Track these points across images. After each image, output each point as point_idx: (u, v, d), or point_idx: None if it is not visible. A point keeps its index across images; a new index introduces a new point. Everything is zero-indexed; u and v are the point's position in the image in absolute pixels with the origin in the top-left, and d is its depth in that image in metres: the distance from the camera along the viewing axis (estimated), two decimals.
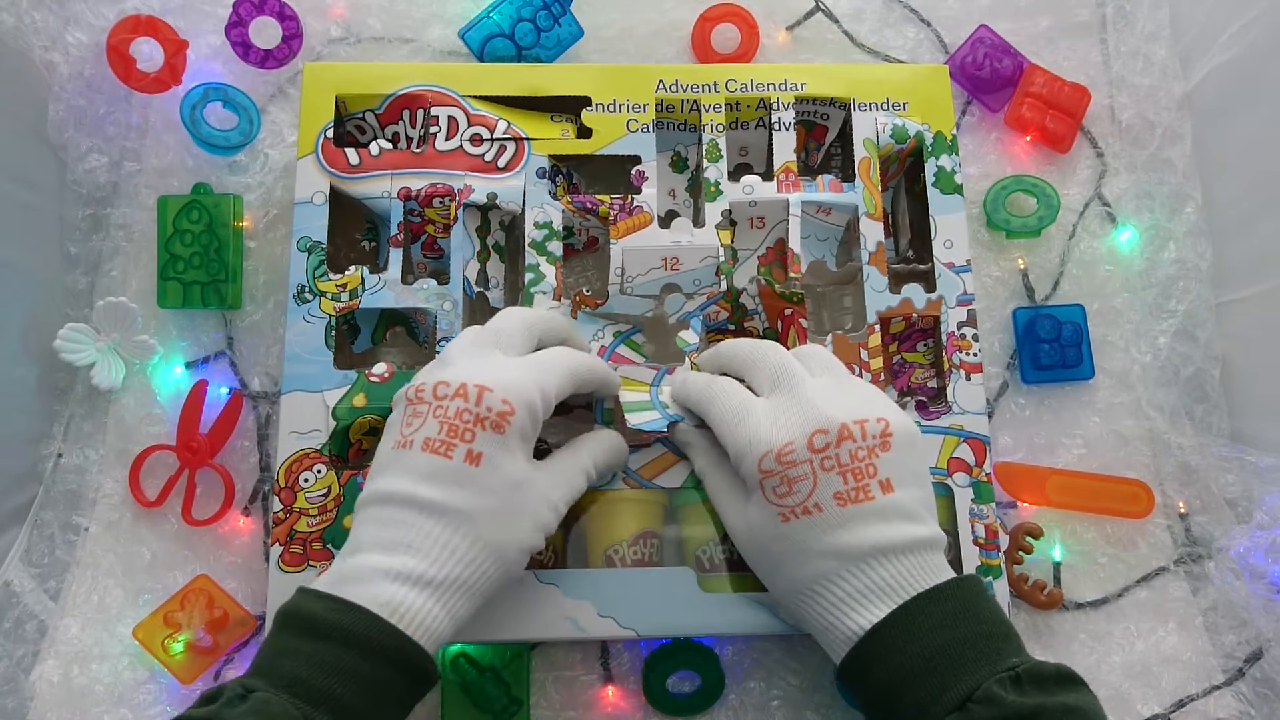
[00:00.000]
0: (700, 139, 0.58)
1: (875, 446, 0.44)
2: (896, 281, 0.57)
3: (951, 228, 0.57)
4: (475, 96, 0.58)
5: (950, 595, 0.42)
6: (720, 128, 0.58)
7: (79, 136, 0.62)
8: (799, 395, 0.46)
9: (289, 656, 0.39)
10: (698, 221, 0.57)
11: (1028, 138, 0.64)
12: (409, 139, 0.59)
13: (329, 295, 0.55)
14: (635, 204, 0.56)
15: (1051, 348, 0.60)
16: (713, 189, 0.57)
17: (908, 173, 0.62)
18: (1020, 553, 0.56)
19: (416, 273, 0.60)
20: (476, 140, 0.57)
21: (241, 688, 0.38)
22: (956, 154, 0.59)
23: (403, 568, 0.41)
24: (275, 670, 0.39)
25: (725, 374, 0.51)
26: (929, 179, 0.58)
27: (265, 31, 0.62)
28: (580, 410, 0.55)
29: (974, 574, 0.47)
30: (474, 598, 0.43)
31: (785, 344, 0.56)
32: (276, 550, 0.52)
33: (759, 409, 0.47)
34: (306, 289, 0.55)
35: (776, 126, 0.59)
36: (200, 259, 0.59)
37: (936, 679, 0.40)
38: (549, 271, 0.56)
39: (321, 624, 0.39)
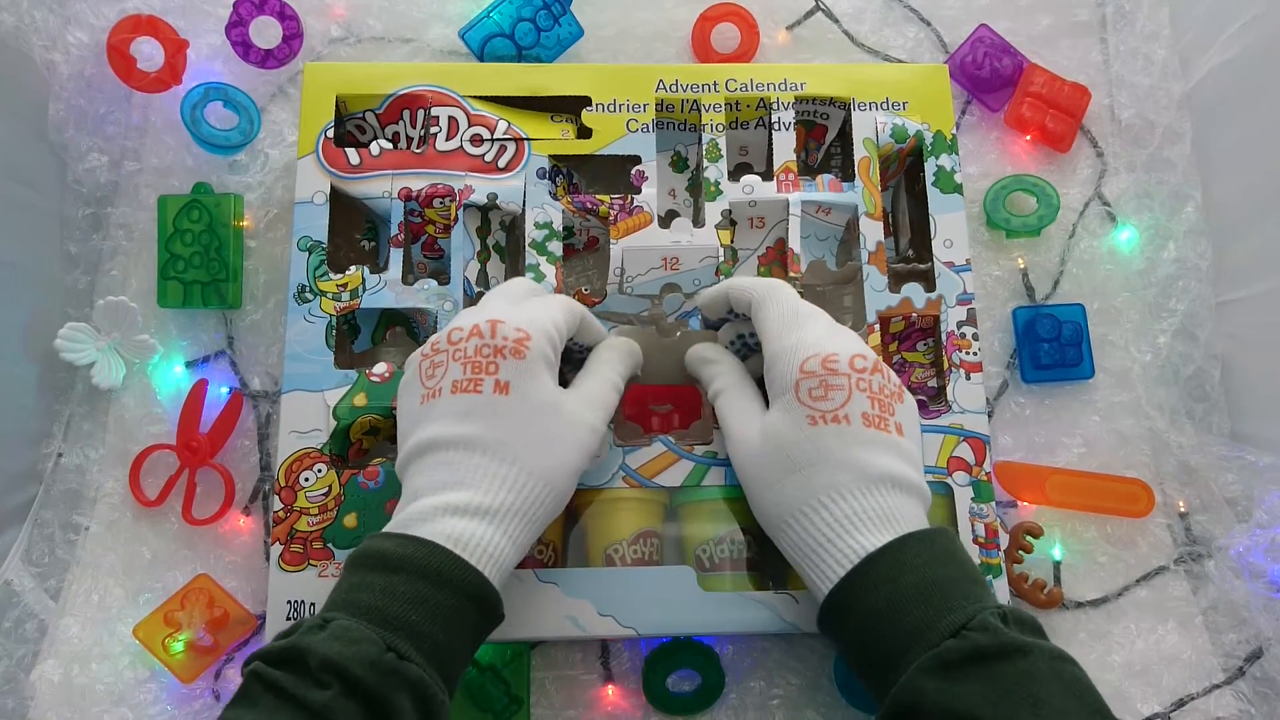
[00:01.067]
0: (700, 139, 0.58)
1: (894, 395, 0.47)
2: (896, 281, 0.57)
3: (951, 227, 0.57)
4: (475, 96, 0.58)
5: (938, 540, 0.43)
6: (720, 127, 0.58)
7: (79, 136, 0.62)
8: (844, 332, 0.49)
9: (363, 590, 0.40)
10: (698, 221, 0.57)
11: (1028, 137, 0.64)
12: (409, 139, 0.59)
13: (329, 295, 0.55)
14: (635, 204, 0.56)
15: (1051, 347, 0.60)
16: (713, 189, 0.57)
17: (907, 172, 0.62)
18: (1020, 552, 0.56)
19: (417, 273, 0.60)
20: (477, 140, 0.58)
21: (320, 619, 0.39)
22: (956, 153, 0.59)
23: (460, 502, 0.42)
24: (351, 603, 0.40)
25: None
26: (929, 178, 0.58)
27: (266, 31, 0.62)
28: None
29: (949, 527, 0.50)
30: (533, 523, 0.44)
31: None
32: (277, 549, 0.52)
33: (817, 320, 0.49)
34: (307, 289, 0.55)
35: (776, 126, 0.59)
36: (200, 258, 0.59)
37: (931, 608, 0.40)
38: (549, 271, 0.56)
39: (392, 558, 0.40)
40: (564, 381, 0.50)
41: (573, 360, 0.52)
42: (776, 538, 0.46)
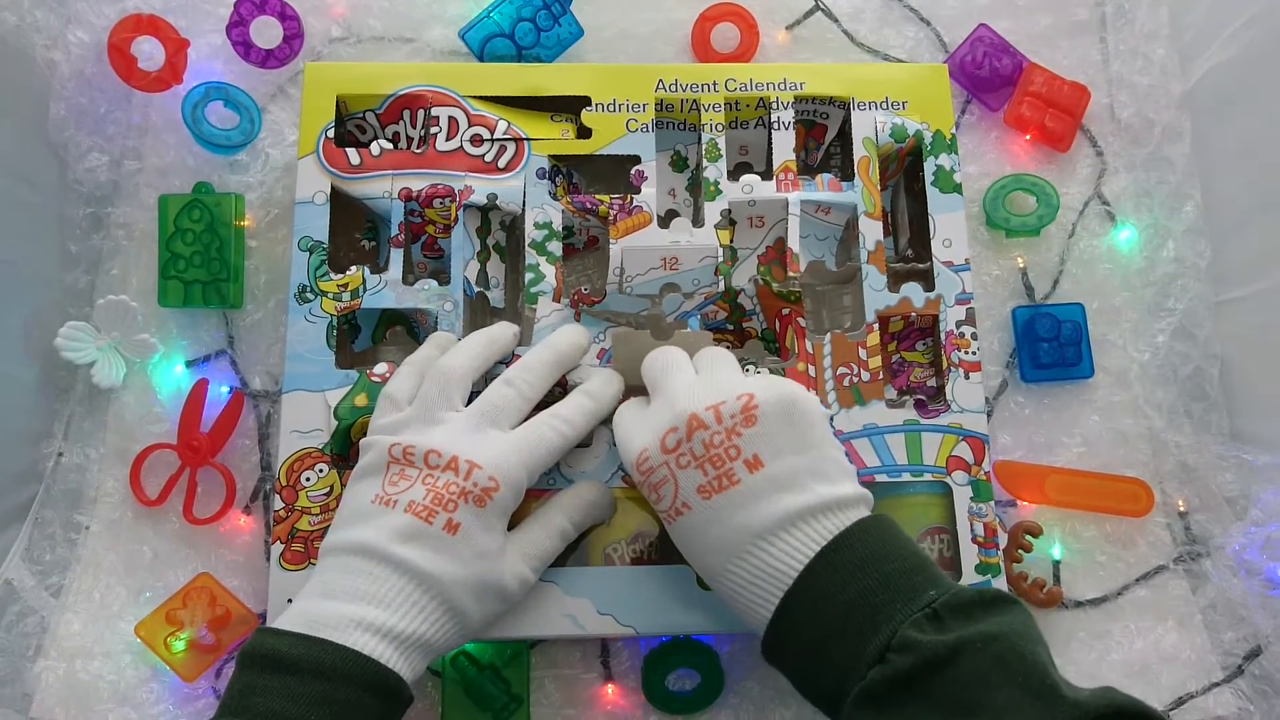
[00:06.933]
0: (700, 138, 0.58)
1: (735, 426, 0.43)
2: (895, 280, 0.57)
3: (950, 226, 0.57)
4: (475, 97, 0.58)
5: (854, 543, 0.41)
6: (720, 127, 0.59)
7: (80, 135, 0.62)
8: (664, 394, 0.47)
9: (260, 693, 0.40)
10: (697, 221, 0.57)
11: (1027, 136, 0.64)
12: (409, 139, 0.59)
13: (330, 295, 0.55)
14: (635, 204, 0.56)
15: (1051, 346, 0.60)
16: (712, 188, 0.57)
17: (907, 172, 0.62)
18: (1020, 551, 0.56)
19: (417, 273, 0.60)
20: (477, 140, 0.58)
21: None
22: (956, 153, 0.59)
23: (375, 620, 0.42)
24: (248, 708, 0.39)
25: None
26: (928, 178, 0.58)
27: (266, 31, 0.62)
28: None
29: (881, 514, 0.44)
30: (430, 654, 0.44)
31: (783, 344, 0.57)
32: (278, 548, 0.52)
33: (628, 418, 0.48)
34: (308, 288, 0.55)
35: (776, 126, 0.59)
36: (201, 258, 0.59)
37: (854, 638, 0.39)
38: (549, 271, 0.56)
39: (289, 659, 0.40)
40: (550, 401, 0.50)
41: (553, 394, 0.52)
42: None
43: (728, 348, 0.53)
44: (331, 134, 0.57)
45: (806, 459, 0.43)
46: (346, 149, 0.57)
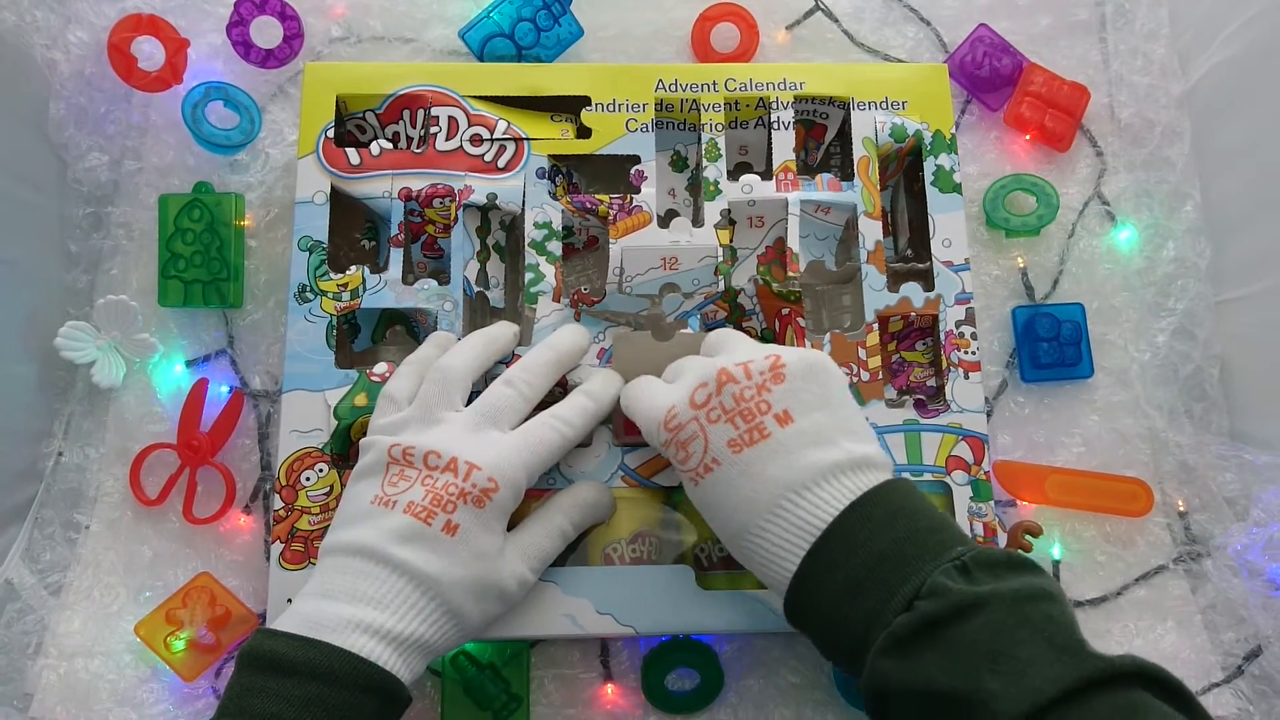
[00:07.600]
0: (700, 138, 0.58)
1: (765, 382, 0.44)
2: (895, 280, 0.57)
3: (950, 226, 0.57)
4: (475, 96, 0.58)
5: (882, 499, 0.41)
6: (719, 127, 0.59)
7: (80, 135, 0.62)
8: (693, 362, 0.47)
9: (257, 695, 0.40)
10: (697, 221, 0.57)
11: (1027, 136, 0.64)
12: (409, 139, 0.60)
13: (330, 295, 0.55)
14: (634, 203, 0.56)
15: (1051, 346, 0.60)
16: (712, 188, 0.57)
17: (907, 172, 0.62)
18: (1019, 550, 0.56)
19: (417, 272, 0.60)
20: (476, 140, 0.58)
21: None
22: (955, 153, 0.59)
23: (373, 621, 0.42)
24: (245, 709, 0.40)
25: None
26: (928, 178, 0.58)
27: (266, 31, 0.63)
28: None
29: (904, 477, 0.45)
30: (429, 655, 0.44)
31: (783, 343, 0.57)
32: (278, 548, 0.52)
33: (655, 385, 0.48)
34: (308, 288, 0.55)
35: (776, 126, 0.59)
36: (201, 258, 0.59)
37: (883, 585, 0.39)
38: (549, 271, 0.56)
39: (286, 661, 0.40)
40: (550, 401, 0.50)
41: (553, 394, 0.52)
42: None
43: None
44: (331, 134, 0.57)
45: (835, 417, 0.44)
46: (346, 149, 0.57)
